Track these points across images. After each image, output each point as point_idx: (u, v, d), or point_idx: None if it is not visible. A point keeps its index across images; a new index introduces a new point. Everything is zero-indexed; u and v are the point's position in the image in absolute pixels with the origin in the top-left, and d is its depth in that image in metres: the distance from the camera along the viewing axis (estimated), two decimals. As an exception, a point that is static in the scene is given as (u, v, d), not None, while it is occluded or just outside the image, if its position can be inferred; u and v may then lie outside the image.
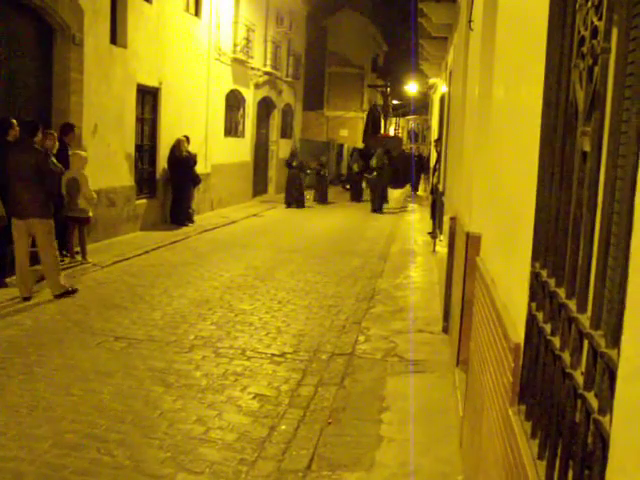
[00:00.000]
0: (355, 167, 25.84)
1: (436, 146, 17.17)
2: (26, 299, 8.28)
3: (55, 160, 8.74)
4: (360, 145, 31.90)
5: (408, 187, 30.30)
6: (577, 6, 1.93)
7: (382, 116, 41.35)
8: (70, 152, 10.48)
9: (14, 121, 8.82)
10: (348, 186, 27.35)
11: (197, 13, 17.52)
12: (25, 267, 8.32)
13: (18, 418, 5.03)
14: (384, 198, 22.65)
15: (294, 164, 22.08)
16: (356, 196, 25.63)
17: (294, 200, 21.77)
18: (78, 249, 10.82)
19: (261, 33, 23.26)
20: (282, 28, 26.25)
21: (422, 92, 35.50)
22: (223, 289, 9.58)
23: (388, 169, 23.18)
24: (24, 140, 8.30)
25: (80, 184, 10.29)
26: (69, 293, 8.63)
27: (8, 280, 8.85)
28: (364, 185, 24.80)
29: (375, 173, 22.06)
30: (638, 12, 1.35)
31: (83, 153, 10.61)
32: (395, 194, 27.42)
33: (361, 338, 7.55)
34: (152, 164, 15.53)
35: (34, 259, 8.65)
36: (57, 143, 9.59)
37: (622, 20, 1.46)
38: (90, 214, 10.69)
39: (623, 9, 1.45)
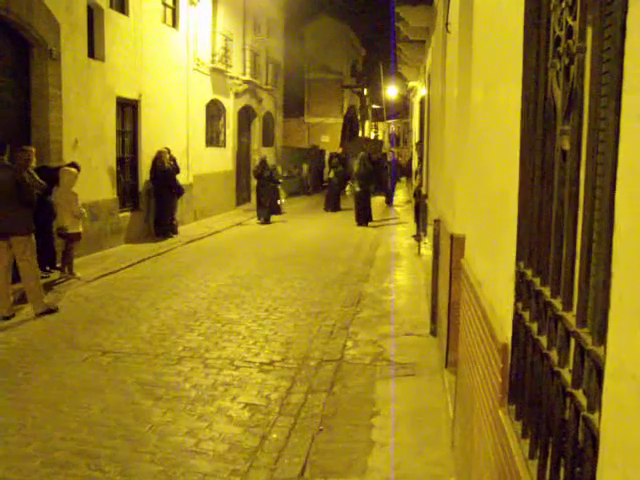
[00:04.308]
0: (331, 174, 23.63)
1: (418, 149, 17.23)
2: (7, 318, 8.19)
3: (37, 176, 8.68)
4: (339, 150, 31.68)
5: (383, 198, 26.96)
6: (552, 6, 1.95)
7: (360, 119, 41.37)
8: (61, 168, 10.43)
9: None
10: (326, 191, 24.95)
11: (174, 24, 17.50)
12: (6, 286, 8.22)
13: (6, 437, 4.98)
14: (370, 209, 19.87)
15: (265, 174, 19.79)
16: (332, 205, 23.32)
17: (263, 214, 19.55)
18: (59, 264, 10.78)
19: (239, 42, 23.27)
20: (260, 36, 26.28)
21: (402, 95, 35.65)
22: (210, 299, 9.54)
23: (372, 176, 20.52)
24: None
25: (69, 201, 10.27)
26: (51, 312, 8.53)
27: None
28: (347, 190, 22.54)
29: (359, 183, 19.41)
30: (611, 11, 1.36)
31: (73, 170, 10.54)
32: (378, 201, 24.85)
33: (349, 343, 7.54)
34: (134, 177, 15.47)
35: (15, 278, 8.55)
36: (34, 159, 9.50)
37: (596, 19, 1.47)
38: (79, 229, 10.63)
39: (596, 8, 1.46)
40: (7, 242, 8.14)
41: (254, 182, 23.95)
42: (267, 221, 19.49)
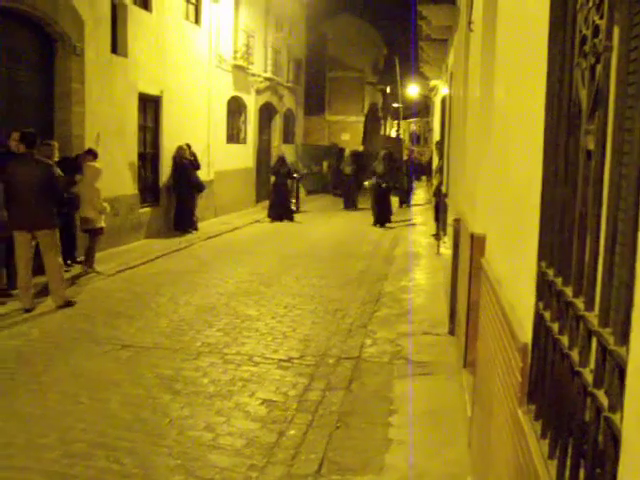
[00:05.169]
0: (347, 170, 23.41)
1: (438, 148, 17.17)
2: (28, 310, 8.28)
3: (59, 170, 8.77)
4: (360, 148, 31.50)
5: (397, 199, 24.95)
6: (578, 5, 1.94)
7: (382, 117, 41.22)
8: (84, 164, 10.54)
9: (17, 133, 8.82)
10: (339, 192, 24.65)
11: (197, 21, 17.57)
12: (28, 279, 8.32)
13: (26, 428, 5.04)
14: (390, 210, 19.45)
15: (282, 172, 19.52)
16: (349, 203, 23.19)
17: (283, 213, 19.23)
18: (80, 259, 10.90)
19: (261, 39, 23.30)
20: (282, 33, 26.29)
21: (423, 94, 35.52)
22: (229, 295, 9.58)
23: (394, 175, 20.30)
24: (26, 152, 8.31)
25: (92, 197, 10.38)
26: (69, 304, 8.63)
27: (13, 292, 8.85)
28: (367, 184, 21.53)
29: (383, 183, 18.88)
30: (639, 10, 1.36)
31: (97, 165, 10.65)
32: (393, 202, 22.67)
33: (367, 341, 7.54)
34: (155, 172, 15.56)
35: (35, 270, 8.64)
36: (57, 152, 9.61)
37: (623, 18, 1.46)
38: (102, 224, 10.73)
39: (624, 7, 1.45)
40: (32, 235, 8.25)
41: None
42: (285, 218, 19.21)
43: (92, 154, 10.74)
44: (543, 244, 2.29)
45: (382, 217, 18.91)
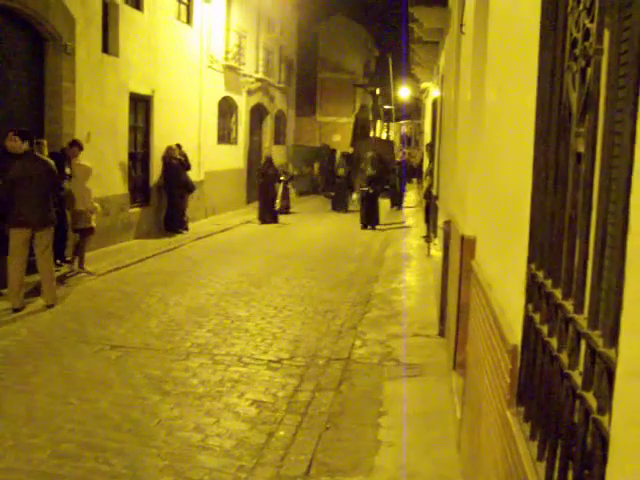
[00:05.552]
0: (340, 171, 23.31)
1: (429, 150, 17.20)
2: (17, 310, 8.22)
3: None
4: (350, 150, 31.45)
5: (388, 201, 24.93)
6: (569, 9, 1.95)
7: (372, 119, 41.20)
8: (74, 162, 10.49)
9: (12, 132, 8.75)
10: (333, 194, 24.25)
11: (189, 21, 17.54)
12: (21, 277, 8.27)
13: (15, 428, 5.01)
14: (377, 213, 19.14)
15: (270, 173, 19.37)
16: (340, 205, 22.94)
17: (268, 215, 19.01)
18: (69, 258, 10.85)
19: (253, 40, 23.29)
20: (274, 35, 26.30)
21: (414, 96, 35.57)
22: (219, 296, 9.56)
23: (381, 178, 20.04)
24: (29, 151, 8.28)
25: (82, 196, 10.34)
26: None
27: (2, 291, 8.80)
28: (354, 196, 21.90)
29: (371, 189, 18.65)
30: (629, 14, 1.36)
31: (88, 164, 10.60)
32: (383, 204, 22.29)
33: (357, 343, 7.54)
34: (145, 172, 15.51)
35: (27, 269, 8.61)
36: (46, 150, 9.58)
37: (614, 22, 1.47)
38: (93, 224, 10.69)
39: (614, 11, 1.46)
40: (29, 233, 8.21)
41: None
42: (272, 221, 18.94)
43: (77, 145, 10.66)
44: (533, 246, 2.30)
45: (370, 219, 18.82)
